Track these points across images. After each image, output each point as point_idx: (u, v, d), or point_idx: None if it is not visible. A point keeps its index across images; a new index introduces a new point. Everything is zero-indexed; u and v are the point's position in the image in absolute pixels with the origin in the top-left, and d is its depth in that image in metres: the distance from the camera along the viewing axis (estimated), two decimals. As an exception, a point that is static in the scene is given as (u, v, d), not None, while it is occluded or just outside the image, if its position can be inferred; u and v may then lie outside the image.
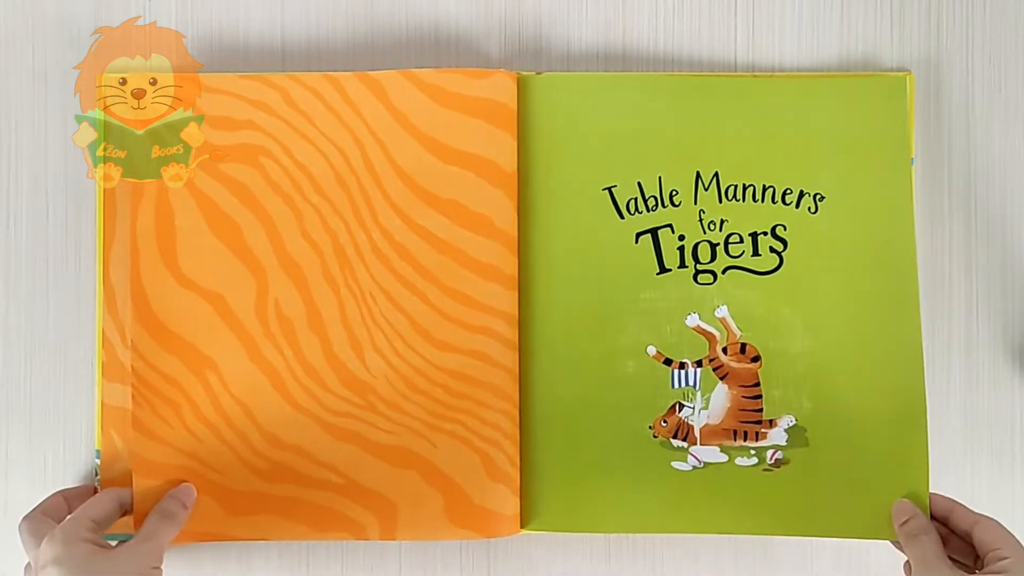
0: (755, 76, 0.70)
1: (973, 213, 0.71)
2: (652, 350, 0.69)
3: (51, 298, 0.70)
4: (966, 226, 0.71)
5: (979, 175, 0.71)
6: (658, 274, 0.70)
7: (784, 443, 0.68)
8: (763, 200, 0.70)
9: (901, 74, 0.70)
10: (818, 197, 0.70)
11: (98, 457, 0.68)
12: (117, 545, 0.62)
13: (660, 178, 0.70)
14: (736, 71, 0.71)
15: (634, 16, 0.71)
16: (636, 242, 0.70)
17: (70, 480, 0.70)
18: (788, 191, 0.70)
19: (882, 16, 0.71)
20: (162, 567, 0.62)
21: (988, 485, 0.70)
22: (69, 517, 0.63)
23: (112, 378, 0.68)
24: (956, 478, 0.70)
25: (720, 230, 0.70)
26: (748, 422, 0.69)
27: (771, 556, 0.70)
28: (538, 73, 0.70)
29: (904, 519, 0.65)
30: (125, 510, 0.66)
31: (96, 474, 0.68)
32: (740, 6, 0.71)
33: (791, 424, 0.68)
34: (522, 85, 0.69)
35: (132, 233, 0.67)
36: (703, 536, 0.69)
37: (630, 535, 0.70)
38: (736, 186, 0.70)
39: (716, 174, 0.70)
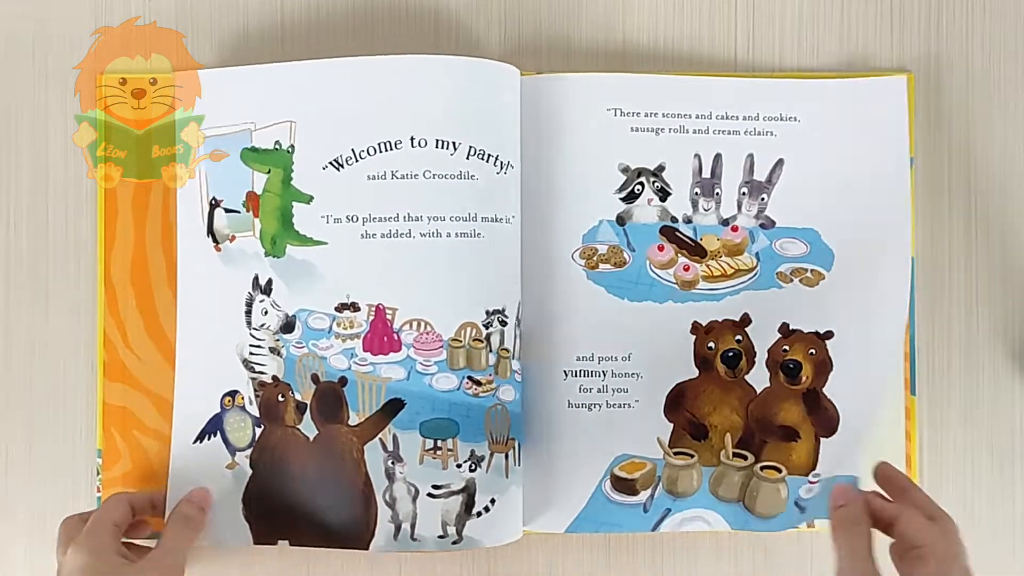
0: (755, 76, 0.70)
1: (973, 213, 0.71)
2: None
3: (51, 298, 0.70)
4: (966, 226, 0.71)
5: (979, 175, 0.71)
6: None
7: None
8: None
9: (901, 74, 0.70)
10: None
11: (99, 457, 0.68)
12: (140, 555, 0.61)
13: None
14: (736, 71, 0.71)
15: (634, 16, 0.71)
16: None
17: (70, 481, 0.70)
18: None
19: (882, 16, 0.71)
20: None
21: (988, 485, 0.70)
22: (92, 522, 0.62)
23: (113, 378, 0.68)
24: (956, 478, 0.70)
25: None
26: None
27: (771, 555, 0.70)
28: (538, 73, 0.69)
29: (840, 503, 0.61)
30: (135, 512, 0.64)
31: (97, 473, 0.68)
32: (740, 6, 0.71)
33: None
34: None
35: None
36: (703, 536, 0.70)
37: (630, 535, 0.70)
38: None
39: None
